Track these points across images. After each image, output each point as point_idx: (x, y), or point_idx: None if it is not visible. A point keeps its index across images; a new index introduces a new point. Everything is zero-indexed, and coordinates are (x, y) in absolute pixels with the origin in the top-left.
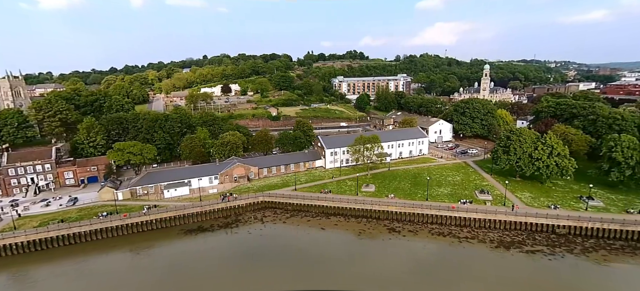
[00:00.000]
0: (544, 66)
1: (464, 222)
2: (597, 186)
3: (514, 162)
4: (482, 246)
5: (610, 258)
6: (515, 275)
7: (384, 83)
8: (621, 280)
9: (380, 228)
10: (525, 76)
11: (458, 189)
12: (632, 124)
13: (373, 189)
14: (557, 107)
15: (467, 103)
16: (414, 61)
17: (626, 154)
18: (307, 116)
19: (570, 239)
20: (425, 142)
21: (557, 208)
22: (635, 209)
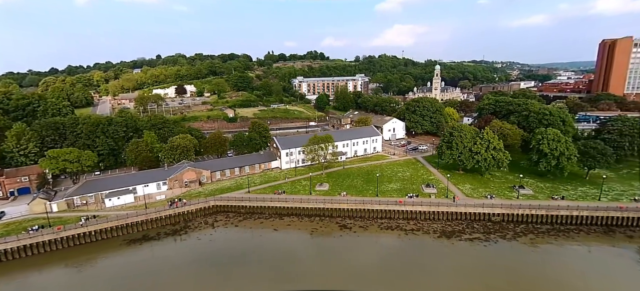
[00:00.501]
0: (492, 66)
1: (410, 215)
2: (528, 176)
3: (456, 156)
4: (426, 237)
5: (537, 241)
6: (457, 263)
7: (343, 83)
8: (546, 260)
9: (333, 226)
10: (474, 75)
11: (407, 184)
12: (558, 119)
13: (327, 187)
14: (496, 105)
15: (418, 102)
16: (372, 62)
17: (552, 146)
18: (265, 117)
19: (504, 226)
20: (379, 140)
21: (493, 197)
22: (559, 195)
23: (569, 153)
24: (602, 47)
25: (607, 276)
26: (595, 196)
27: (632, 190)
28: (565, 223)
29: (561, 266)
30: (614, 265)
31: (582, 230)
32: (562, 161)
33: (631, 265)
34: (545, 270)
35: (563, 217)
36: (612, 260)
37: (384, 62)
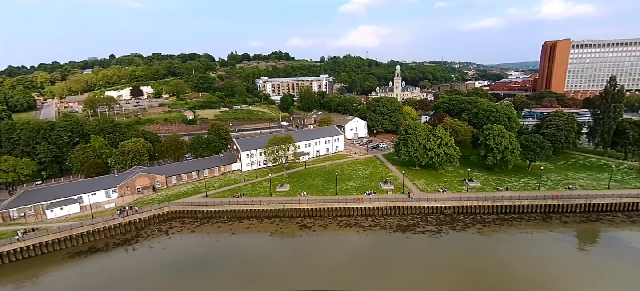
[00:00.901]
0: (450, 67)
1: (368, 212)
2: (478, 170)
3: (412, 153)
4: (383, 232)
5: (484, 230)
6: (412, 255)
7: (308, 83)
8: (493, 247)
9: (293, 226)
10: (434, 75)
11: (366, 182)
12: (504, 116)
13: (287, 188)
14: (450, 103)
15: (378, 101)
16: (337, 62)
17: (497, 141)
18: (227, 118)
19: (455, 217)
20: (341, 139)
21: (445, 191)
22: (503, 186)
23: (512, 147)
24: (544, 48)
25: (548, 258)
26: (535, 186)
27: (567, 179)
28: (509, 212)
29: (507, 252)
30: (553, 248)
31: (523, 218)
32: (507, 155)
33: (568, 248)
34: (493, 256)
35: (507, 207)
36: (551, 243)
37: (349, 63)
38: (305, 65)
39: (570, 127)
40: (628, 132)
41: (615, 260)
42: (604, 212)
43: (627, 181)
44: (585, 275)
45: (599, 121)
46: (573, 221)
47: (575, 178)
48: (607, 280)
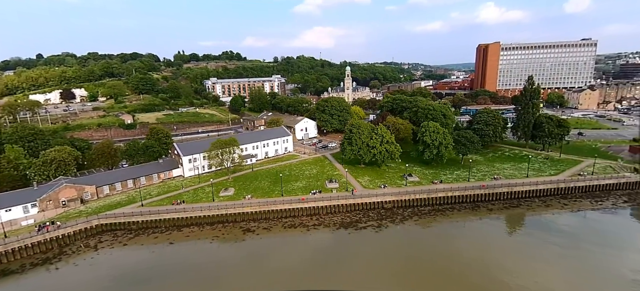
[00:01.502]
0: (400, 67)
1: (313, 211)
2: (417, 164)
3: (356, 151)
4: (326, 230)
5: (421, 222)
6: (354, 250)
7: (260, 84)
8: (429, 236)
9: (236, 231)
10: (384, 76)
11: (312, 182)
12: (440, 113)
13: (232, 192)
14: (393, 102)
15: (327, 102)
16: (290, 63)
17: (432, 137)
18: (170, 121)
19: (394, 211)
20: (290, 140)
21: (385, 187)
22: (438, 179)
23: (446, 142)
24: (478, 50)
25: (479, 243)
26: (466, 177)
27: (493, 170)
28: (443, 203)
29: (442, 240)
30: (482, 232)
31: (455, 208)
32: (441, 150)
33: (496, 231)
34: (430, 244)
35: (441, 198)
36: (481, 228)
37: (302, 63)
38: (257, 66)
39: (497, 123)
40: (544, 126)
41: (537, 239)
42: (524, 198)
43: (543, 170)
44: (514, 253)
45: (520, 116)
46: (497, 208)
47: (501, 168)
48: (535, 257)
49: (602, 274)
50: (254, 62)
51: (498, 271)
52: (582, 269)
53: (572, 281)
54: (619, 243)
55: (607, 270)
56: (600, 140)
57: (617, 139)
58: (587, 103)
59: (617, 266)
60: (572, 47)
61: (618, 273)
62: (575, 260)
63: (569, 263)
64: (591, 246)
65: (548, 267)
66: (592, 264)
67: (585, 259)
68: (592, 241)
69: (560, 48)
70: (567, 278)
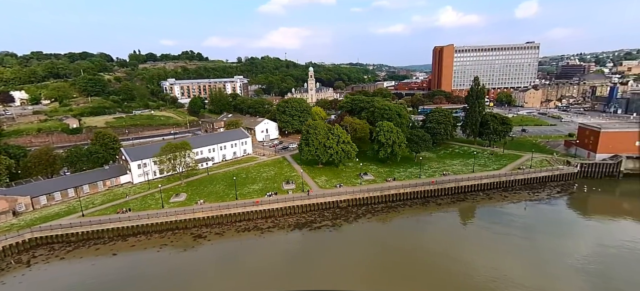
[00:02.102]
0: (365, 68)
1: (268, 213)
2: (373, 163)
3: (313, 152)
4: (281, 232)
5: (373, 219)
6: (307, 249)
7: (221, 85)
8: (381, 232)
9: (186, 238)
10: (348, 77)
11: (269, 184)
12: (395, 113)
13: (183, 198)
14: (352, 103)
15: (287, 103)
16: (255, 63)
17: (386, 136)
18: (122, 125)
19: (349, 210)
20: (249, 142)
21: (341, 186)
22: (392, 177)
23: (399, 141)
24: (434, 52)
25: (432, 235)
26: (418, 174)
27: (443, 167)
28: (395, 200)
29: (394, 235)
30: (433, 226)
31: (406, 204)
32: (395, 148)
33: (444, 225)
34: (383, 240)
35: (393, 195)
36: (432, 222)
37: (267, 64)
38: (220, 66)
39: (448, 122)
40: (489, 124)
41: (486, 229)
42: (469, 192)
43: (488, 165)
44: (465, 242)
45: (468, 115)
46: (446, 202)
47: (450, 164)
48: (487, 246)
49: (552, 258)
50: (216, 63)
51: (450, 261)
52: (533, 255)
53: (525, 266)
54: (561, 230)
55: (556, 255)
56: (540, 136)
57: (555, 134)
58: (532, 102)
59: (564, 251)
60: (518, 50)
61: (566, 258)
62: (525, 247)
63: (520, 250)
64: (536, 234)
65: (501, 254)
66: (541, 250)
67: (534, 246)
68: (538, 229)
69: (507, 50)
70: (521, 263)
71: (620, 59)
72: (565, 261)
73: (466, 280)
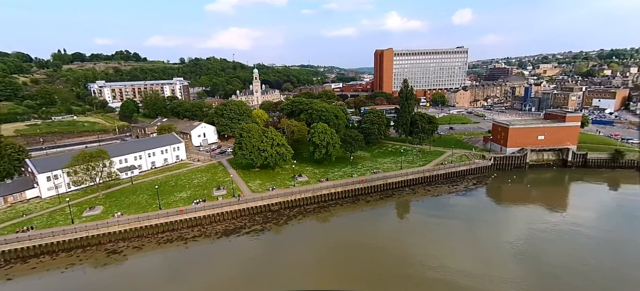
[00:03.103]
0: (315, 70)
1: (194, 222)
2: (310, 164)
3: (247, 155)
4: (207, 240)
5: (304, 220)
6: (232, 257)
7: (158, 87)
8: (310, 231)
9: (98, 255)
10: (298, 78)
11: (199, 190)
12: (332, 114)
13: (99, 211)
14: (293, 105)
15: (226, 105)
16: (199, 64)
17: (321, 138)
18: (36, 133)
19: (281, 212)
20: (182, 147)
21: (274, 189)
22: (323, 178)
23: (333, 141)
24: (376, 55)
25: (362, 230)
26: (351, 174)
27: (376, 165)
28: (327, 200)
29: (323, 234)
30: (366, 223)
31: (338, 203)
32: (330, 149)
33: (378, 220)
34: (310, 240)
35: (325, 195)
36: (364, 219)
37: (212, 65)
38: (159, 67)
39: (381, 122)
40: (418, 123)
41: (412, 221)
42: (397, 188)
43: (415, 162)
44: (397, 234)
45: (399, 115)
46: (374, 199)
47: (382, 163)
48: (415, 234)
49: (482, 244)
50: (156, 64)
51: (385, 254)
52: (466, 242)
53: (461, 252)
54: (482, 218)
55: (486, 241)
56: (464, 133)
57: (477, 131)
58: (462, 101)
59: (491, 236)
60: (450, 54)
61: (494, 241)
62: (457, 235)
63: (452, 238)
64: (463, 222)
65: (436, 243)
66: (471, 237)
67: (464, 233)
68: (464, 218)
69: (440, 54)
70: (456, 250)
71: (538, 62)
72: (492, 246)
73: (405, 270)
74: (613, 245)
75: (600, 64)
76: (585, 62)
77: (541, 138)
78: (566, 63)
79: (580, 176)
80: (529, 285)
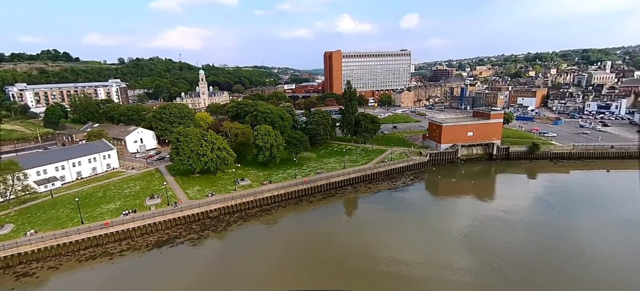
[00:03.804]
0: (268, 71)
1: (122, 235)
2: (255, 167)
3: (185, 161)
4: (136, 253)
5: (244, 224)
6: (163, 270)
7: (91, 90)
8: (250, 236)
9: (5, 279)
10: (250, 80)
11: (130, 201)
12: (278, 116)
13: (8, 230)
14: (238, 107)
15: (165, 109)
16: (140, 65)
17: (264, 140)
18: None
19: (221, 218)
20: (113, 154)
21: (213, 194)
22: (268, 180)
23: (277, 143)
24: (325, 57)
25: (310, 231)
26: (296, 175)
27: (321, 165)
28: (270, 203)
29: (266, 239)
30: (309, 223)
31: (280, 205)
32: (273, 151)
33: (318, 222)
34: (249, 246)
35: (267, 198)
36: (306, 220)
37: (156, 66)
38: (94, 68)
39: (327, 122)
40: (362, 123)
41: (358, 217)
42: (339, 187)
43: (358, 160)
44: (343, 232)
45: (344, 115)
46: (317, 199)
47: (327, 163)
48: (363, 231)
49: (427, 235)
50: (90, 64)
51: (330, 252)
52: (413, 234)
53: (409, 245)
54: (422, 210)
55: (432, 232)
56: (406, 131)
57: (418, 129)
58: (406, 101)
59: (440, 226)
60: (395, 56)
61: (435, 232)
62: (404, 227)
63: (399, 231)
64: (408, 215)
65: (381, 238)
66: (419, 229)
67: (412, 225)
68: (408, 211)
69: (386, 57)
70: (404, 243)
71: (475, 64)
72: (433, 236)
73: (353, 264)
74: (535, 226)
75: (526, 66)
76: (513, 64)
77: (470, 134)
78: (498, 65)
79: (504, 167)
80: (474, 268)
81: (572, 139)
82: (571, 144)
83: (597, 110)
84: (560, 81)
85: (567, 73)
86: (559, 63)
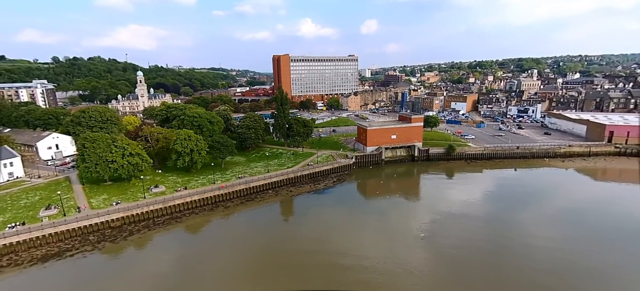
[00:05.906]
0: (224, 73)
1: (4, 250)
2: (176, 173)
3: (92, 168)
4: (15, 270)
5: (148, 233)
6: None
7: (12, 92)
8: (151, 246)
9: None
10: (201, 82)
11: (23, 212)
12: (206, 120)
13: None
14: (168, 111)
15: (84, 112)
16: (77, 65)
17: (184, 145)
18: None
19: (124, 228)
20: (17, 162)
21: (119, 203)
22: (183, 186)
23: (199, 148)
24: (273, 60)
25: (214, 240)
26: (218, 180)
27: (248, 170)
28: (182, 210)
29: (165, 248)
30: (224, 230)
31: (193, 212)
32: (195, 156)
33: (235, 228)
34: (149, 257)
35: (178, 205)
36: (223, 225)
37: (96, 66)
38: (21, 68)
39: (258, 126)
40: (294, 127)
41: (272, 222)
42: (259, 192)
43: (285, 164)
44: (257, 239)
45: (276, 119)
46: (234, 204)
47: (255, 167)
48: (325, 224)
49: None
50: (18, 63)
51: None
52: (349, 232)
53: (351, 243)
54: (340, 211)
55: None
56: (344, 134)
57: (356, 133)
58: (353, 105)
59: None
60: (343, 61)
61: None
62: (334, 227)
63: (323, 230)
64: (321, 216)
65: (299, 237)
66: (354, 227)
67: (343, 224)
68: (320, 213)
69: (334, 61)
70: (338, 240)
71: (426, 70)
72: (349, 232)
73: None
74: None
75: (468, 73)
76: (457, 71)
77: (394, 137)
78: (445, 71)
79: (425, 168)
80: (384, 256)
81: (487, 141)
82: (483, 145)
83: (517, 114)
84: (495, 86)
85: (502, 80)
86: (495, 70)
